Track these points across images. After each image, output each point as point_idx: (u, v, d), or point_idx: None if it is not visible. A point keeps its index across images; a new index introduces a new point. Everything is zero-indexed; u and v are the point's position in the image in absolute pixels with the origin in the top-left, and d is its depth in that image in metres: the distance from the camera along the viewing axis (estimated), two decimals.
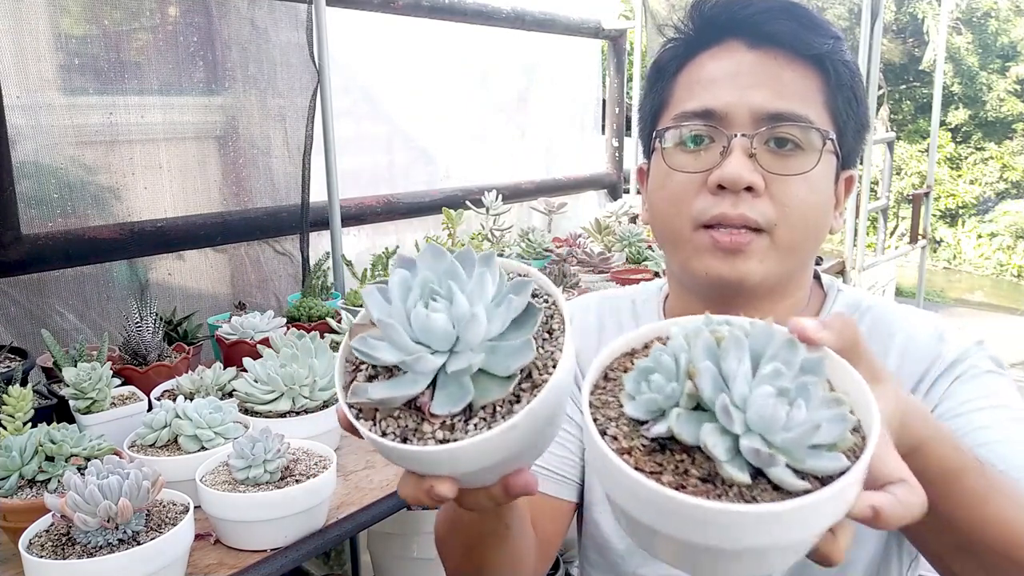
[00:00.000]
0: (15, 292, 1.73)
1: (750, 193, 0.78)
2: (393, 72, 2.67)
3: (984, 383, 0.82)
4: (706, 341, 0.46)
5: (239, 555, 1.03)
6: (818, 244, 0.86)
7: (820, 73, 0.81)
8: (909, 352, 0.85)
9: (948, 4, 6.54)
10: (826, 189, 0.82)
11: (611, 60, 3.62)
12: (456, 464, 0.50)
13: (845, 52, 0.82)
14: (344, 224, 2.21)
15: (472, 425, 0.50)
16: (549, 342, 0.53)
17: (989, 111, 12.31)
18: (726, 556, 0.43)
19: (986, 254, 12.03)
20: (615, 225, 2.84)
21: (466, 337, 0.50)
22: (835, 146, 0.82)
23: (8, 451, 1.04)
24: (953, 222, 12.46)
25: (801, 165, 0.78)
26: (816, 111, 0.80)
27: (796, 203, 0.78)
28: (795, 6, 0.81)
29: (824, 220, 0.83)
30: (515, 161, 3.25)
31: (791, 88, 0.79)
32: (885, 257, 4.27)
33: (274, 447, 1.05)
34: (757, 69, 0.80)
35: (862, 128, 0.86)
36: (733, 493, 0.43)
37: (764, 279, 0.81)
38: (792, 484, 0.43)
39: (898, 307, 0.92)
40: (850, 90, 0.82)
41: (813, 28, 0.80)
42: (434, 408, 0.50)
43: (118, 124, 1.89)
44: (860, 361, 0.52)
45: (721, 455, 0.43)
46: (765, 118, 0.78)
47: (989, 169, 12.31)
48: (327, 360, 1.33)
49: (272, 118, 2.22)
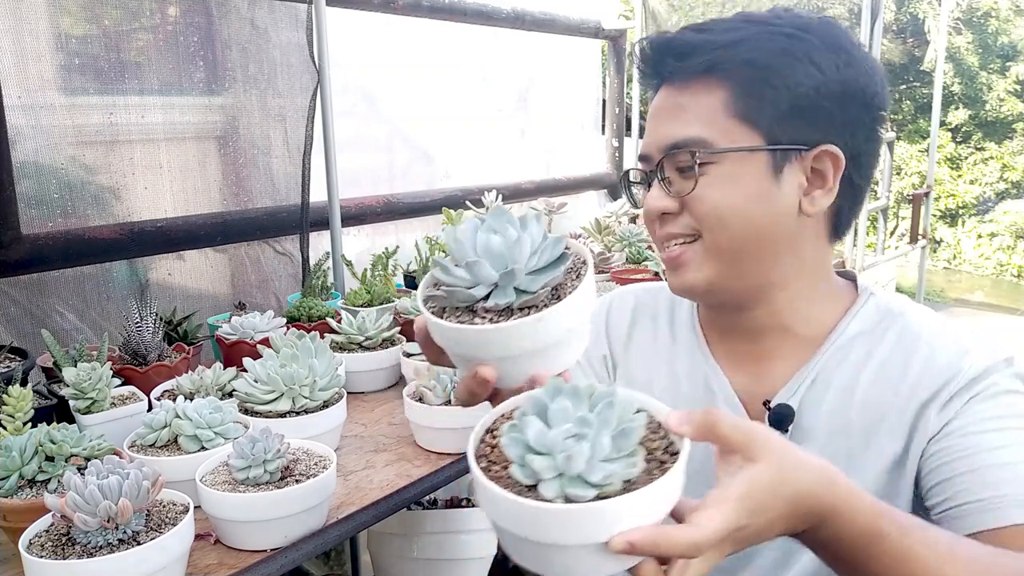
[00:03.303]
0: (15, 292, 1.73)
1: (669, 216, 0.88)
2: (393, 72, 2.67)
3: (1003, 402, 0.81)
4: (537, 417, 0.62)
5: (239, 555, 1.03)
6: (766, 241, 0.87)
7: (723, 83, 0.85)
8: (929, 365, 0.85)
9: (948, 4, 6.54)
10: (744, 191, 0.85)
11: (611, 60, 3.62)
12: (495, 344, 0.69)
13: (745, 52, 0.84)
14: (344, 224, 2.21)
15: (515, 318, 0.69)
16: (575, 280, 0.73)
17: (989, 111, 12.30)
18: (542, 549, 0.58)
19: (986, 254, 12.02)
20: (615, 225, 2.84)
21: (514, 255, 0.70)
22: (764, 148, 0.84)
23: (8, 451, 1.04)
24: (953, 222, 12.46)
25: (708, 181, 0.85)
26: (718, 124, 0.85)
27: (708, 210, 0.86)
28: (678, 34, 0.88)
29: (754, 217, 0.86)
30: (515, 161, 3.25)
31: (686, 112, 0.87)
32: (885, 257, 4.28)
33: (274, 447, 1.05)
34: (665, 104, 0.89)
35: (805, 108, 0.85)
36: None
37: (711, 284, 0.88)
38: (577, 495, 0.56)
39: (929, 318, 0.91)
40: (763, 83, 0.84)
41: (693, 47, 0.86)
42: (486, 304, 0.70)
43: (118, 124, 1.89)
44: (727, 445, 0.61)
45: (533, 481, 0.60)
46: (665, 148, 0.88)
47: (989, 169, 12.31)
48: (327, 360, 1.33)
49: (272, 118, 2.22)
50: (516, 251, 0.71)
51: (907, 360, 0.86)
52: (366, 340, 1.65)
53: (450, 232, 0.73)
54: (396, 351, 1.65)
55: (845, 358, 0.90)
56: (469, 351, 0.72)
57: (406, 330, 1.73)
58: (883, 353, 0.88)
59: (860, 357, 0.89)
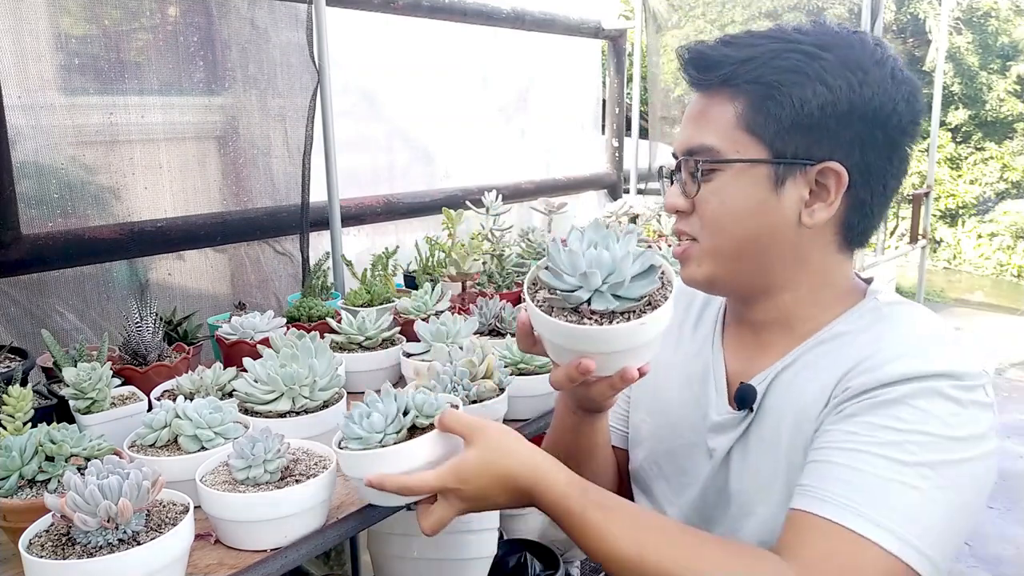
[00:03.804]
0: (15, 292, 1.73)
1: (683, 214, 0.97)
2: (393, 72, 2.67)
3: (890, 412, 0.82)
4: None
5: (239, 555, 1.03)
6: (765, 247, 0.93)
7: (737, 97, 0.91)
8: (867, 364, 0.87)
9: (948, 4, 6.54)
10: (743, 199, 0.92)
11: (611, 60, 3.62)
12: (598, 342, 0.86)
13: (758, 68, 0.89)
14: (344, 224, 2.21)
15: (615, 322, 0.85)
16: (662, 291, 0.89)
17: (989, 111, 12.29)
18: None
19: (986, 254, 12.01)
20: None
21: (620, 268, 0.86)
22: (764, 161, 0.90)
23: (8, 451, 1.04)
24: (953, 222, 12.45)
25: (714, 187, 0.93)
26: (728, 135, 0.91)
27: (709, 216, 0.94)
28: (705, 47, 0.94)
29: (751, 225, 0.92)
30: (515, 161, 3.25)
31: (707, 121, 0.94)
32: (885, 257, 4.28)
33: (274, 447, 1.05)
34: (693, 110, 0.96)
35: (809, 125, 0.88)
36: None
37: (711, 279, 0.97)
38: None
39: (909, 323, 0.91)
40: (769, 99, 0.88)
41: (714, 61, 0.92)
42: (592, 306, 0.87)
43: (118, 124, 1.89)
44: (458, 434, 0.96)
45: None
46: (684, 152, 0.96)
47: (989, 169, 12.30)
48: (327, 360, 1.33)
49: (272, 118, 2.22)
50: (623, 264, 0.87)
51: (859, 357, 0.88)
52: (366, 340, 1.65)
53: (555, 244, 0.91)
54: (396, 351, 1.65)
55: (822, 353, 0.93)
56: (574, 345, 0.88)
57: (406, 330, 1.73)
58: (850, 351, 0.90)
59: (833, 353, 0.92)
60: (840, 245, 0.96)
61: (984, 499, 0.84)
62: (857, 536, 0.77)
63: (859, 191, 0.91)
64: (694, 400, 1.05)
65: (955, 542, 0.82)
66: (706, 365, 1.05)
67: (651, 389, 1.12)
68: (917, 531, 0.77)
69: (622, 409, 1.20)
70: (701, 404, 1.04)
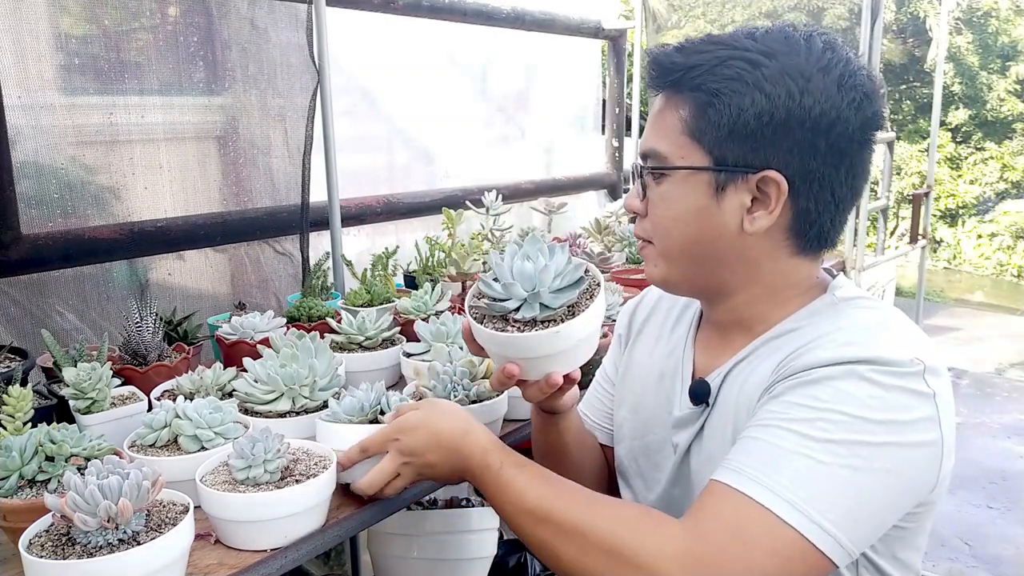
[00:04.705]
0: (15, 292, 1.73)
1: (640, 216, 1.00)
2: (393, 72, 2.67)
3: (808, 392, 0.83)
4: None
5: (239, 555, 1.03)
6: (709, 251, 0.94)
7: (684, 104, 0.92)
8: (802, 350, 0.88)
9: (948, 4, 6.54)
10: (685, 205, 0.94)
11: (611, 60, 3.62)
12: (520, 348, 0.93)
13: (701, 75, 0.90)
14: (344, 224, 2.21)
15: (536, 330, 0.93)
16: (588, 301, 0.96)
17: (989, 111, 12.30)
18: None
19: (986, 254, 12.02)
20: (615, 225, 2.83)
21: (541, 279, 0.93)
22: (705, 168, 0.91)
23: (8, 451, 1.04)
24: (953, 222, 12.45)
25: (662, 191, 0.95)
26: (675, 141, 0.93)
27: (657, 219, 0.97)
28: (661, 52, 0.95)
29: (692, 231, 0.94)
30: (515, 161, 3.24)
31: (659, 126, 0.95)
32: (885, 257, 4.27)
33: (274, 447, 1.05)
34: (652, 112, 0.98)
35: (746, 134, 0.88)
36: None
37: (665, 280, 1.01)
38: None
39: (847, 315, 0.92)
40: (709, 106, 0.89)
41: (666, 66, 0.94)
42: (517, 316, 0.94)
43: (118, 124, 1.89)
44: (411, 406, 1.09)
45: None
46: (641, 156, 0.99)
47: (989, 169, 12.30)
48: (327, 360, 1.33)
49: (272, 118, 2.22)
50: (544, 275, 0.93)
51: (797, 346, 0.90)
52: (366, 340, 1.64)
53: (494, 255, 0.98)
54: (396, 351, 1.65)
55: (774, 348, 0.94)
56: (501, 351, 0.96)
57: (406, 330, 1.73)
58: (795, 343, 0.91)
59: (783, 347, 0.93)
60: (793, 250, 0.95)
61: (923, 490, 0.84)
62: (750, 500, 0.78)
63: (802, 200, 0.91)
64: (665, 398, 1.07)
65: (872, 526, 0.82)
66: (676, 364, 1.08)
67: (631, 388, 1.15)
68: (821, 507, 0.77)
69: (607, 407, 1.23)
70: (669, 401, 1.06)
